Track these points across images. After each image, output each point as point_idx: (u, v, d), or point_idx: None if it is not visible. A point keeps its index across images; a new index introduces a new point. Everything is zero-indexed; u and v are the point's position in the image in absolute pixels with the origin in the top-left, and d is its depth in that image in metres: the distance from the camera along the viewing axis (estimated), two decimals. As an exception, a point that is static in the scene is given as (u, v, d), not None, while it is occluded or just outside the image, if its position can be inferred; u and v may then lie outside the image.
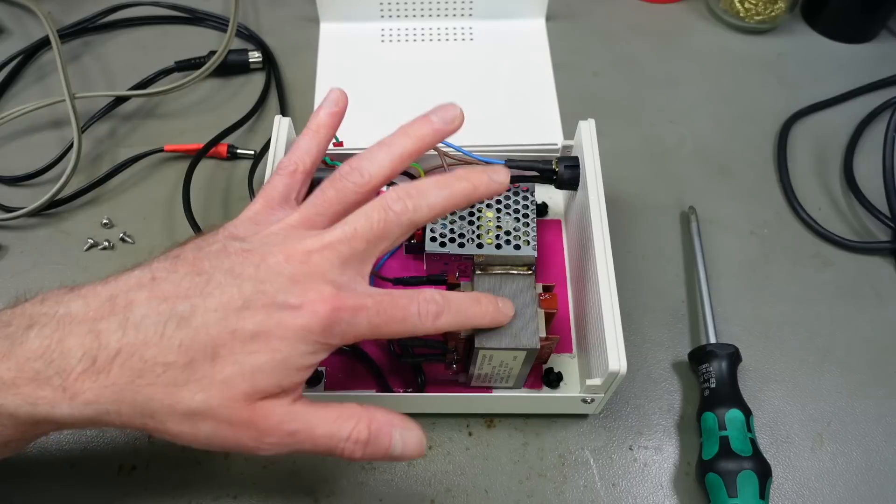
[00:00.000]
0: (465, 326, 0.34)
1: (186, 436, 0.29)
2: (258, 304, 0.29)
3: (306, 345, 0.29)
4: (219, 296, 0.29)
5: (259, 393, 0.28)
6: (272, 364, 0.28)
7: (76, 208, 0.49)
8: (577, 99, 0.56)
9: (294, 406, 0.30)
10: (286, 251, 0.30)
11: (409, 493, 0.39)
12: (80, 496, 0.38)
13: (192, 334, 0.28)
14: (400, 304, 0.31)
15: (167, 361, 0.27)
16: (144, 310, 0.28)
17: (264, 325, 0.28)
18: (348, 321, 0.29)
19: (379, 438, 0.30)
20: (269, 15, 0.61)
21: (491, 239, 0.41)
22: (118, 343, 0.28)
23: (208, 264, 0.30)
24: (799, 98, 0.56)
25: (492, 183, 0.33)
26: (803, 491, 0.39)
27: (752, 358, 0.43)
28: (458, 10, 0.60)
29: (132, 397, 0.27)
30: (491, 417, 0.41)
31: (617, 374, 0.34)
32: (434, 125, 0.34)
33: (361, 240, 0.31)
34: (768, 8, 0.58)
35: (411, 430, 0.31)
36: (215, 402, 0.28)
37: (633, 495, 0.39)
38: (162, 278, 0.29)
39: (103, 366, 0.27)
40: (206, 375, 0.28)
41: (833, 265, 0.48)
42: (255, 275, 0.29)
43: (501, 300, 0.35)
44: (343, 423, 0.30)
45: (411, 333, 0.32)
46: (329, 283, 0.29)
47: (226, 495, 0.38)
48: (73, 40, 0.59)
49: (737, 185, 0.51)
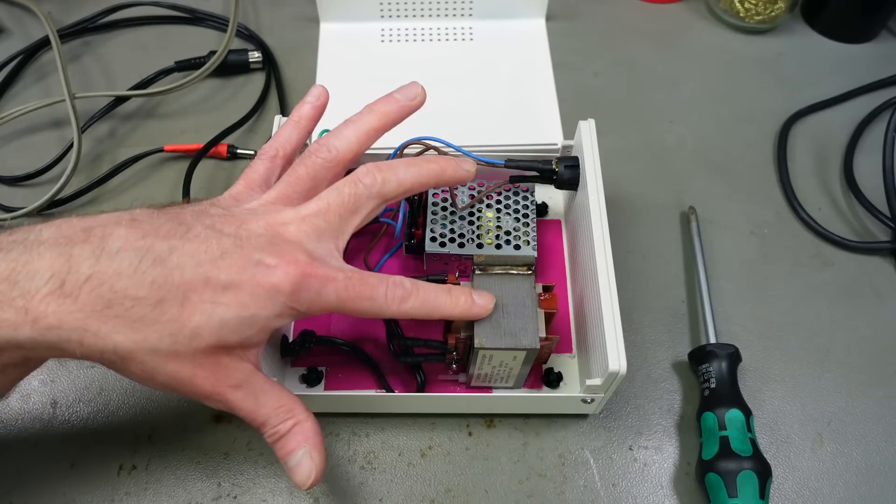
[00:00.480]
0: (433, 315, 0.34)
1: (145, 375, 0.29)
2: (235, 257, 0.29)
3: (274, 305, 0.29)
4: (198, 243, 0.29)
5: (223, 346, 0.29)
6: (239, 319, 0.29)
7: (76, 208, 0.49)
8: (577, 99, 0.56)
9: (254, 373, 0.31)
10: (265, 220, 0.32)
11: (409, 493, 0.39)
12: (80, 496, 0.38)
13: (167, 273, 0.28)
14: (369, 283, 0.32)
15: (137, 296, 0.27)
16: (122, 242, 0.28)
17: (237, 278, 0.29)
18: (317, 290, 0.30)
19: (287, 444, 0.31)
20: (269, 15, 0.61)
21: (491, 239, 0.41)
22: (90, 269, 0.27)
23: (190, 218, 0.30)
24: (799, 98, 0.56)
25: (459, 169, 0.35)
26: (803, 491, 0.39)
27: (752, 358, 0.43)
28: (458, 10, 0.60)
29: (97, 327, 0.27)
30: (491, 417, 0.41)
31: (617, 374, 0.34)
32: (399, 102, 0.36)
33: (334, 213, 0.32)
34: (768, 8, 0.58)
35: (313, 459, 0.31)
36: (181, 348, 0.28)
37: (633, 495, 0.39)
38: (142, 220, 0.29)
39: (71, 290, 0.27)
40: (174, 319, 0.28)
41: (833, 265, 0.48)
42: (236, 232, 0.30)
43: (479, 294, 0.35)
44: (280, 416, 0.31)
45: (377, 314, 0.32)
46: (304, 252, 0.31)
47: (226, 495, 0.38)
48: (73, 40, 0.59)
49: (737, 185, 0.51)
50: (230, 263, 0.29)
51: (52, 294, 0.27)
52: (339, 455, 0.40)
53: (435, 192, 0.43)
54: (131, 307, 0.27)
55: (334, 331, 0.42)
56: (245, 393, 0.30)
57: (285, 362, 0.41)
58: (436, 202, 0.43)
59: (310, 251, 0.31)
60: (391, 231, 0.43)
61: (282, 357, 0.40)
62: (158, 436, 0.40)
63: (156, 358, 0.28)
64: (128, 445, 0.40)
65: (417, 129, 0.42)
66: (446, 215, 0.42)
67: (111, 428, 0.40)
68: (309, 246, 0.31)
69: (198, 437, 0.40)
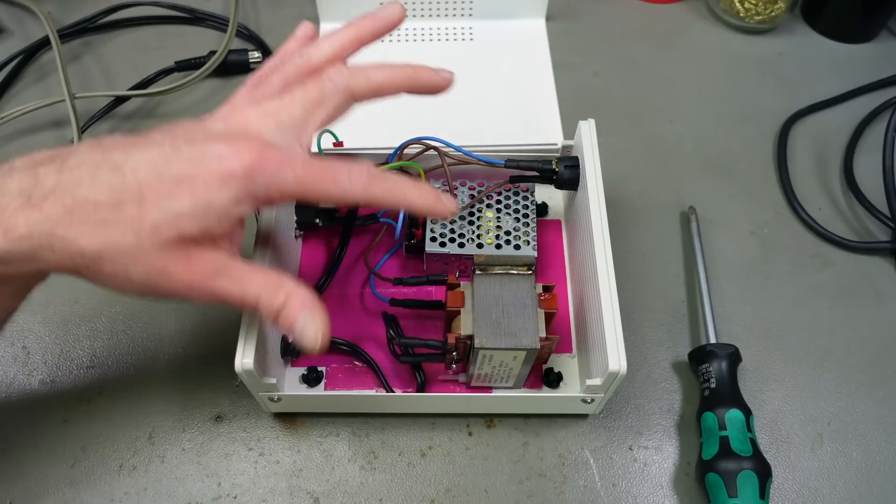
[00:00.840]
0: (398, 203, 0.33)
1: (119, 278, 0.30)
2: (188, 152, 0.30)
3: (228, 190, 0.29)
4: (154, 148, 0.30)
5: (186, 238, 0.30)
6: (194, 208, 0.29)
7: (76, 208, 0.49)
8: (577, 99, 0.56)
9: (231, 260, 0.31)
10: (227, 120, 0.32)
11: (409, 493, 0.39)
12: (80, 496, 0.38)
13: (122, 178, 0.29)
14: (331, 166, 0.31)
15: (97, 200, 0.29)
16: (81, 157, 0.30)
17: (189, 171, 0.29)
18: (273, 172, 0.30)
19: (287, 314, 0.31)
20: (269, 15, 0.61)
21: (491, 239, 0.41)
22: (53, 183, 0.29)
23: (157, 132, 0.31)
24: (799, 98, 0.56)
25: (434, 75, 0.36)
26: (803, 491, 0.39)
27: (752, 358, 0.43)
28: (458, 10, 0.60)
29: (64, 232, 0.28)
30: (491, 417, 0.41)
31: (617, 374, 0.34)
32: (378, 17, 0.37)
33: (298, 105, 0.32)
34: (768, 8, 0.58)
35: (314, 319, 0.31)
36: (146, 243, 0.29)
37: (633, 495, 0.39)
38: (106, 139, 0.31)
39: (37, 202, 0.28)
40: (133, 218, 0.29)
41: (833, 265, 0.48)
42: (191, 134, 0.31)
43: (447, 196, 0.34)
44: (270, 291, 0.31)
45: (340, 198, 0.32)
46: (261, 140, 0.31)
47: (226, 495, 0.38)
48: (73, 40, 0.59)
49: (737, 185, 0.51)
50: (182, 159, 0.30)
51: (21, 207, 0.28)
52: (339, 455, 0.40)
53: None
54: (93, 212, 0.29)
55: (334, 331, 0.42)
56: (229, 279, 0.31)
57: (285, 362, 0.41)
58: (436, 202, 0.43)
59: (268, 141, 0.31)
60: (391, 231, 0.43)
61: (282, 357, 0.40)
62: (158, 436, 0.40)
63: (124, 258, 0.29)
64: (128, 445, 0.40)
65: (417, 129, 0.43)
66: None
67: (111, 428, 0.40)
68: (268, 136, 0.31)
69: (198, 437, 0.40)
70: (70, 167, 0.29)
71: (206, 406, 0.41)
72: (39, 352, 0.43)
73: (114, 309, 0.45)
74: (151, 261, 0.29)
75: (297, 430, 0.41)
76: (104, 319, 0.44)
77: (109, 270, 0.29)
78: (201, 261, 0.30)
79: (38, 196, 0.29)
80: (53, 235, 0.28)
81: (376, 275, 0.42)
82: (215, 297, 0.31)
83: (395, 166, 0.39)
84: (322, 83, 0.33)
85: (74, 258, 0.29)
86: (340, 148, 0.45)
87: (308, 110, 0.33)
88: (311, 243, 0.46)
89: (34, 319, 0.44)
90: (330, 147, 0.44)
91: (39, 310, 0.45)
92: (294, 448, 0.40)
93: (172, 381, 0.42)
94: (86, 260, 0.29)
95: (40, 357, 0.43)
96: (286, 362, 0.41)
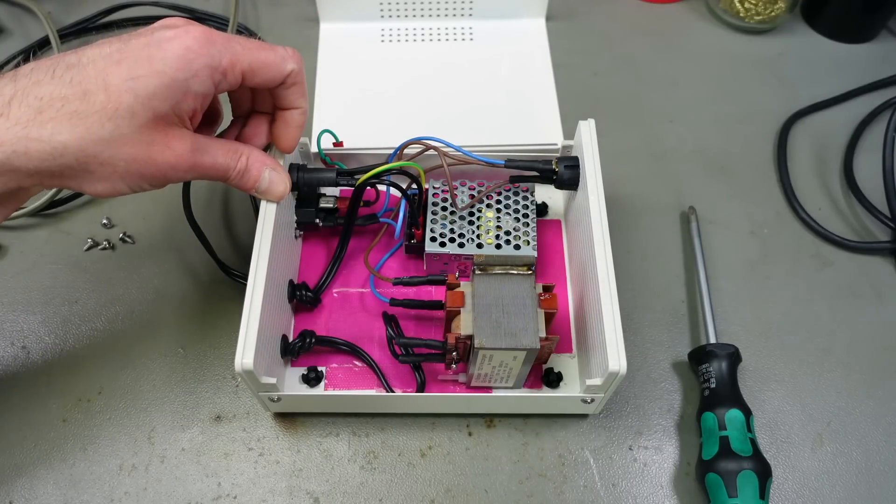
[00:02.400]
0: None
1: (106, 170, 0.31)
2: (138, 42, 0.31)
3: (189, 65, 0.31)
4: (103, 45, 0.31)
5: (161, 118, 0.31)
6: (162, 88, 0.30)
7: (76, 208, 0.49)
8: (577, 99, 0.56)
9: (201, 137, 0.33)
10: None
11: (409, 493, 0.39)
12: (80, 496, 0.38)
13: (81, 70, 0.30)
14: (266, 44, 0.34)
15: (63, 95, 0.29)
16: (33, 65, 0.30)
17: (146, 50, 0.31)
18: (223, 42, 0.32)
19: (250, 171, 0.35)
20: (269, 15, 0.61)
21: (491, 239, 0.41)
22: (12, 91, 0.29)
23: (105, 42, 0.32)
24: (799, 98, 0.56)
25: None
26: (803, 491, 0.39)
27: (752, 358, 0.43)
28: (458, 10, 0.60)
29: (38, 133, 0.29)
30: (491, 417, 0.41)
31: (617, 374, 0.34)
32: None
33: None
34: (768, 8, 0.58)
35: (279, 172, 0.36)
36: (126, 129, 0.30)
37: (633, 495, 0.39)
38: (56, 55, 0.32)
39: (1, 111, 0.29)
40: (104, 105, 0.29)
41: (833, 265, 0.48)
42: (132, 34, 0.32)
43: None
44: (233, 156, 0.35)
45: (279, 69, 0.34)
46: (199, 25, 0.33)
47: (226, 495, 0.38)
48: (73, 40, 0.59)
49: (737, 185, 0.51)
50: (133, 45, 0.31)
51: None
52: (339, 455, 0.40)
53: (435, 192, 0.43)
54: (61, 107, 0.29)
55: (334, 331, 0.42)
56: (207, 155, 0.33)
57: (285, 362, 0.41)
58: (436, 202, 0.43)
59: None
60: (391, 231, 0.43)
61: (282, 357, 0.40)
62: (158, 436, 0.40)
63: (108, 148, 0.30)
64: (128, 445, 0.40)
65: (417, 129, 0.43)
66: (446, 215, 0.42)
67: (111, 428, 0.40)
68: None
69: (198, 437, 0.40)
70: (24, 74, 0.30)
71: (206, 406, 0.41)
72: (39, 352, 0.43)
73: (114, 309, 0.45)
74: (134, 146, 0.30)
75: (297, 430, 0.41)
76: (104, 319, 0.44)
77: (95, 167, 0.30)
78: (180, 139, 0.32)
79: (0, 106, 0.29)
80: (28, 138, 0.29)
81: (376, 275, 0.42)
82: (196, 173, 0.33)
83: (395, 166, 0.39)
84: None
85: (56, 157, 0.29)
86: (340, 148, 0.45)
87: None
88: (311, 243, 0.46)
89: (34, 319, 0.44)
90: (330, 147, 0.44)
91: (39, 310, 0.45)
92: (294, 448, 0.40)
93: (172, 382, 0.42)
94: (69, 157, 0.29)
95: (40, 357, 0.43)
96: (286, 362, 0.41)
